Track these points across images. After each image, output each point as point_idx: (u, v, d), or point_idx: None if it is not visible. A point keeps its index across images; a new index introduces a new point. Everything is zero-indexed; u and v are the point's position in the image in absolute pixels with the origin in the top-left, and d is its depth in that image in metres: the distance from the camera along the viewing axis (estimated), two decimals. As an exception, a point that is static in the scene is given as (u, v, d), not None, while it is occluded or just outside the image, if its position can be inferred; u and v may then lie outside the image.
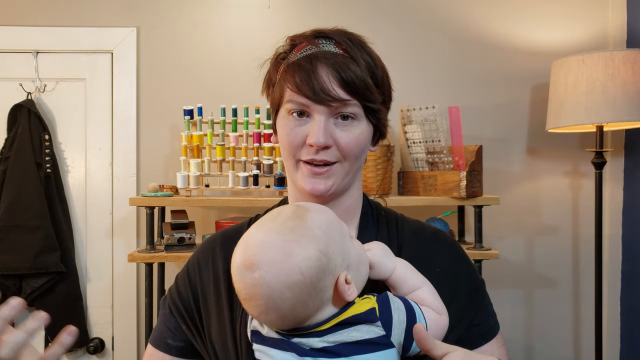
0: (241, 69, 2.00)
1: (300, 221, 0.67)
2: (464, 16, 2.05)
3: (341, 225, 0.71)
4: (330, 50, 0.77)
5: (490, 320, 0.83)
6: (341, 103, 0.75)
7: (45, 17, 1.99)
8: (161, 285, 1.86)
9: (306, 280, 0.64)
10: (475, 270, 0.87)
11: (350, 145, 0.77)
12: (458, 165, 1.72)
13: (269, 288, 0.64)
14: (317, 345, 0.66)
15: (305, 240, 0.65)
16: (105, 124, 2.01)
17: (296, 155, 0.79)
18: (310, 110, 0.76)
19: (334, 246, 0.67)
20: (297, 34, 0.81)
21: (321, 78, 0.74)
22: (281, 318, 0.66)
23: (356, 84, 0.75)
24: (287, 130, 0.78)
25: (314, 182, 0.78)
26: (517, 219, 2.07)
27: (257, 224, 0.70)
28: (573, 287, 2.09)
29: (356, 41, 0.79)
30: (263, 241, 0.66)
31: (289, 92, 0.77)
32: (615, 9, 2.03)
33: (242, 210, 2.01)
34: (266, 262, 0.64)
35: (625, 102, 1.67)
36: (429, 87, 2.05)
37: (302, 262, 0.64)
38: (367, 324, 0.66)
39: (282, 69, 0.79)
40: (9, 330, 0.62)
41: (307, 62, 0.75)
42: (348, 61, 0.76)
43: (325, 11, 2.03)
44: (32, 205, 1.83)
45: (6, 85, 1.98)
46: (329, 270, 0.66)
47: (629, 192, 2.03)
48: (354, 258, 0.69)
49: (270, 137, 1.77)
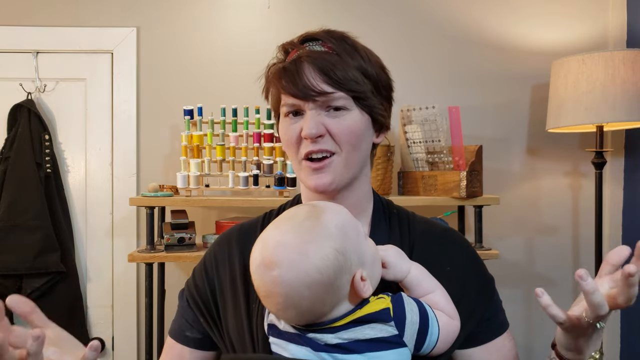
0: (241, 69, 2.00)
1: (316, 221, 0.69)
2: (463, 16, 2.05)
3: (356, 224, 0.73)
4: (316, 49, 0.81)
5: (500, 315, 0.85)
6: (327, 97, 0.78)
7: (45, 17, 1.99)
8: (161, 285, 1.86)
9: (324, 279, 0.66)
10: (484, 267, 0.88)
11: (344, 132, 0.79)
12: (458, 165, 1.72)
13: (288, 286, 0.66)
14: (332, 341, 0.68)
15: (322, 240, 0.67)
16: (105, 124, 2.01)
17: (298, 154, 0.81)
18: (302, 108, 0.79)
19: (350, 245, 0.69)
20: (286, 42, 0.85)
21: (305, 76, 0.77)
22: (299, 314, 0.68)
23: (338, 76, 0.78)
24: (285, 130, 0.82)
25: (316, 178, 0.80)
26: (517, 219, 2.07)
27: (275, 223, 0.72)
28: (573, 287, 2.08)
29: (338, 36, 0.83)
30: (281, 242, 0.68)
31: (282, 97, 0.81)
32: (615, 9, 2.03)
33: (242, 210, 2.01)
34: (285, 262, 0.66)
35: (625, 102, 1.67)
36: (429, 87, 2.05)
37: (320, 261, 0.66)
38: (380, 323, 0.68)
39: (272, 77, 0.83)
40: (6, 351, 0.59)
41: (293, 65, 0.79)
42: (331, 57, 0.79)
43: (325, 11, 2.03)
44: (32, 205, 1.83)
45: (6, 85, 1.98)
46: (346, 268, 0.68)
47: (629, 192, 2.03)
48: (368, 257, 0.71)
49: (271, 137, 1.77)
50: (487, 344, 0.81)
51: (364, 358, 0.67)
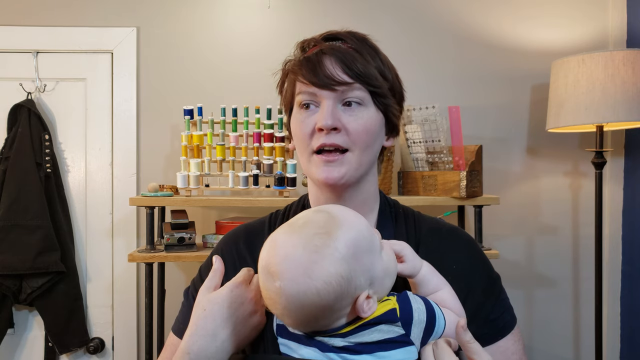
0: (241, 69, 2.01)
1: (328, 240, 0.66)
2: (464, 16, 2.05)
3: (372, 239, 0.70)
4: (337, 45, 0.82)
5: (507, 314, 0.85)
6: (346, 86, 0.78)
7: (45, 17, 1.99)
8: (161, 285, 1.86)
9: (322, 302, 0.65)
10: (490, 265, 0.88)
11: (359, 130, 0.79)
12: (458, 165, 1.72)
13: (286, 300, 0.66)
14: (339, 344, 0.68)
15: (329, 263, 0.65)
16: (105, 124, 2.01)
17: (309, 146, 0.81)
18: (319, 97, 0.79)
19: (358, 268, 0.67)
20: (307, 38, 0.85)
21: (325, 66, 0.79)
22: (298, 323, 0.69)
23: (359, 68, 0.79)
24: (299, 123, 0.82)
25: (327, 170, 0.80)
26: (517, 219, 2.07)
27: (289, 228, 0.70)
28: (573, 287, 2.09)
29: (360, 37, 0.84)
30: (288, 255, 0.66)
31: (298, 85, 0.81)
32: (615, 9, 2.03)
33: (242, 210, 2.01)
34: (287, 277, 0.65)
35: (625, 102, 1.67)
36: (429, 87, 2.05)
37: (321, 285, 0.64)
38: (387, 324, 0.68)
39: (292, 68, 0.83)
40: None
41: (314, 56, 0.80)
42: (352, 52, 0.80)
43: (325, 11, 2.03)
44: (32, 205, 1.82)
45: (6, 85, 1.98)
46: (348, 293, 0.66)
47: (629, 192, 2.03)
48: (379, 272, 0.69)
49: (271, 137, 1.77)
50: (490, 346, 0.81)
51: (373, 358, 0.67)
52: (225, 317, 0.74)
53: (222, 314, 0.74)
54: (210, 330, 0.74)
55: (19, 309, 1.97)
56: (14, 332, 1.97)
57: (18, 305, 1.94)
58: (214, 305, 0.75)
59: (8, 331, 1.90)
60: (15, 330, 1.97)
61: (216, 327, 0.74)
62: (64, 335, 1.90)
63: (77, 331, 1.92)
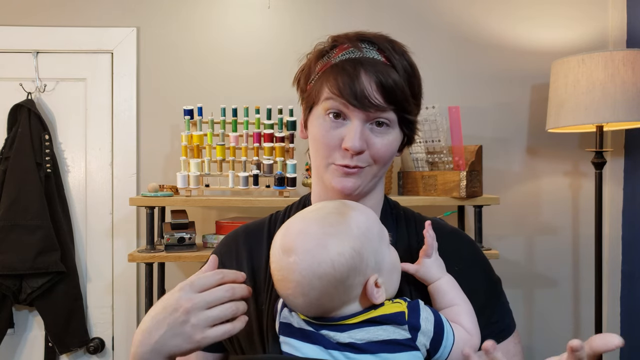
0: (241, 69, 2.01)
1: (341, 217, 0.70)
2: (464, 16, 2.05)
3: (381, 230, 0.74)
4: (373, 56, 0.79)
5: (507, 318, 0.85)
6: (380, 111, 0.77)
7: (45, 17, 1.99)
8: (161, 285, 1.86)
9: (336, 274, 0.67)
10: (491, 268, 0.89)
11: (382, 151, 0.79)
12: (458, 165, 1.72)
13: (300, 275, 0.67)
14: (344, 340, 0.68)
15: (342, 236, 0.68)
16: (105, 124, 2.01)
17: (329, 158, 0.80)
18: (348, 113, 0.78)
19: (369, 248, 0.70)
20: (340, 34, 0.83)
21: (363, 84, 0.76)
22: (307, 304, 0.69)
23: (396, 93, 0.77)
24: (323, 132, 0.79)
25: (344, 180, 0.80)
26: (517, 219, 2.07)
27: (301, 214, 0.74)
28: (573, 287, 2.09)
29: (399, 50, 0.82)
30: (303, 230, 0.70)
31: (328, 92, 0.78)
32: (615, 9, 2.03)
33: (242, 210, 2.01)
34: (302, 250, 0.68)
35: (625, 102, 1.67)
36: (429, 87, 2.02)
37: (335, 256, 0.67)
38: (394, 325, 0.68)
39: (324, 67, 0.80)
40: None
41: (351, 67, 0.77)
42: (389, 70, 0.78)
43: (325, 11, 2.03)
44: (32, 205, 1.82)
45: (6, 85, 1.98)
46: (360, 270, 0.68)
47: (629, 192, 2.03)
48: (387, 264, 0.72)
49: (271, 137, 1.77)
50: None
51: (377, 359, 0.67)
52: (160, 319, 0.71)
53: (157, 313, 0.72)
54: (147, 326, 0.72)
55: (19, 309, 1.97)
56: (14, 332, 1.97)
57: (18, 305, 1.94)
58: (160, 302, 0.74)
59: (8, 331, 1.90)
60: (15, 330, 1.97)
61: (152, 326, 0.71)
62: (64, 335, 1.90)
63: (77, 331, 1.92)
